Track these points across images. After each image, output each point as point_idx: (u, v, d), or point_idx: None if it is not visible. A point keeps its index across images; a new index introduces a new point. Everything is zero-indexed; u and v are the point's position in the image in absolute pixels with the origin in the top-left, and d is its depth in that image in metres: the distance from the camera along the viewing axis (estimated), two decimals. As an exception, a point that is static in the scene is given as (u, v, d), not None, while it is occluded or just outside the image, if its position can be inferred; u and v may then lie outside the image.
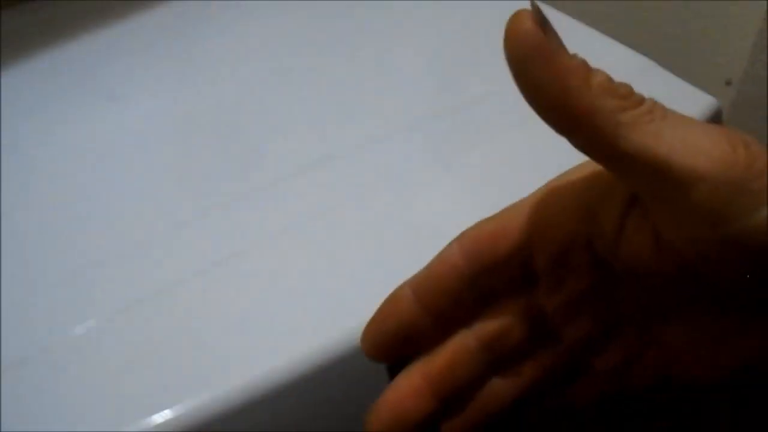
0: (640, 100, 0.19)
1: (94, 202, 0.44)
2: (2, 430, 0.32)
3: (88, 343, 0.36)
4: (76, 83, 0.54)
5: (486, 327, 0.25)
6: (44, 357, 0.35)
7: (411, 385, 0.25)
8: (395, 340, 0.25)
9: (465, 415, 0.25)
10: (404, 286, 0.25)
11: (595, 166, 0.21)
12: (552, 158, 0.26)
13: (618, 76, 0.20)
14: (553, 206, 0.23)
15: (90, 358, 0.35)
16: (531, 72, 0.19)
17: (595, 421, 0.26)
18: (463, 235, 0.25)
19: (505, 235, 0.24)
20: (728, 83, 0.82)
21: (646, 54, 0.51)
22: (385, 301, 0.25)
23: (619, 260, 0.22)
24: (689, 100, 0.47)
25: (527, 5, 0.19)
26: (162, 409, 0.33)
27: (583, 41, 0.23)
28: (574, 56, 0.19)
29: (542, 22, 0.19)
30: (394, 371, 0.25)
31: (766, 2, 0.72)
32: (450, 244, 0.25)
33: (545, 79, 0.19)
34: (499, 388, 0.25)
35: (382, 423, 0.25)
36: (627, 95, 0.19)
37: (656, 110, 0.19)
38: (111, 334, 0.36)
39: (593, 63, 0.20)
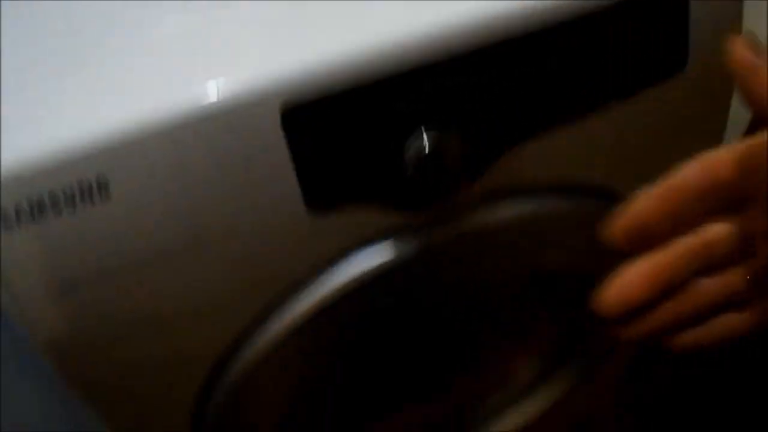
0: None
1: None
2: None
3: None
4: None
5: (707, 234, 0.31)
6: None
7: (639, 273, 0.31)
8: (638, 234, 0.31)
9: (676, 305, 0.32)
10: (652, 191, 0.31)
11: None
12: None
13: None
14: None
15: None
16: (745, 80, 0.31)
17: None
18: (704, 156, 0.31)
19: (739, 163, 0.30)
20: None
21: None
22: (634, 201, 0.32)
23: None
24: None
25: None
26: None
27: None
28: None
29: (755, 45, 0.29)
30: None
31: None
32: (693, 163, 0.31)
33: (755, 83, 0.30)
34: (707, 287, 0.32)
35: (611, 299, 0.31)
36: None
37: None
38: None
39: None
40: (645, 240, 0.31)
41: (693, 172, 0.31)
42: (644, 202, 0.31)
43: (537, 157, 0.50)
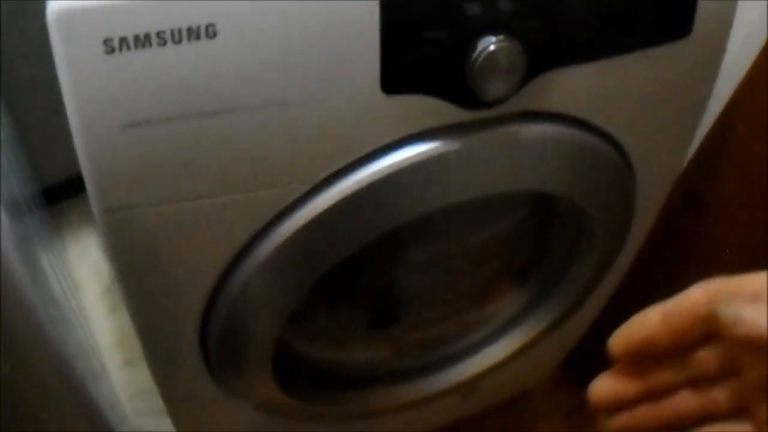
0: None
1: None
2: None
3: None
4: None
5: (699, 354, 0.33)
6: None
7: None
8: (638, 347, 0.33)
9: (657, 409, 0.34)
10: (655, 309, 0.33)
11: None
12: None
13: None
14: None
15: None
16: None
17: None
18: (709, 283, 0.32)
19: (743, 289, 0.31)
20: None
21: None
22: (637, 316, 0.33)
23: None
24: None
25: None
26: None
27: None
28: None
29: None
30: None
31: None
32: (697, 287, 0.32)
33: None
34: (688, 399, 0.34)
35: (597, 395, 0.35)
36: None
37: None
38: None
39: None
40: (646, 353, 0.34)
41: (699, 295, 0.32)
42: (648, 318, 0.33)
43: (568, 86, 0.56)
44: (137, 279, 0.57)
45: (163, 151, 0.48)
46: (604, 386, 0.35)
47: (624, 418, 0.35)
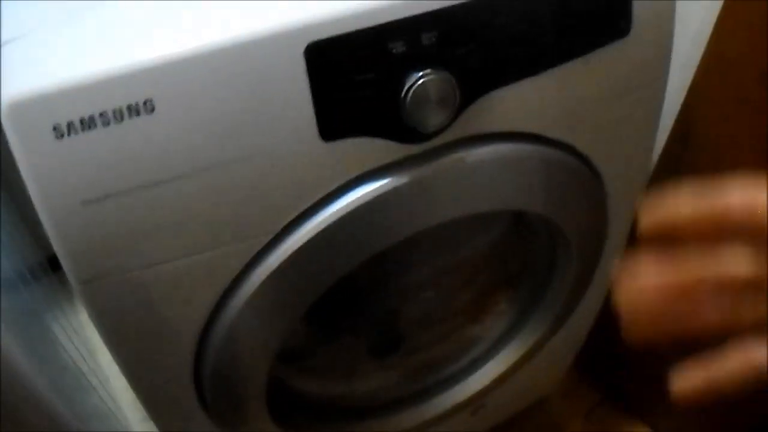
0: None
1: None
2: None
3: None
4: None
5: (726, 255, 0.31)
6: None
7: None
8: (667, 227, 0.32)
9: (687, 305, 0.32)
10: (687, 196, 0.31)
11: None
12: None
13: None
14: None
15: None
16: None
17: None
18: (743, 189, 0.31)
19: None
20: None
21: None
22: (669, 199, 0.32)
23: None
24: None
25: None
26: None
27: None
28: None
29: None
30: None
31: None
32: (733, 189, 0.31)
33: None
34: (723, 301, 0.32)
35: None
36: None
37: None
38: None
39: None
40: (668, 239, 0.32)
41: (737, 204, 0.31)
42: (679, 210, 0.32)
43: (510, 105, 0.58)
44: (124, 341, 0.60)
45: (123, 222, 0.51)
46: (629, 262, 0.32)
47: (653, 324, 0.33)
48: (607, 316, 0.90)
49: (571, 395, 1.11)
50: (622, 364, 1.10)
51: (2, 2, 0.53)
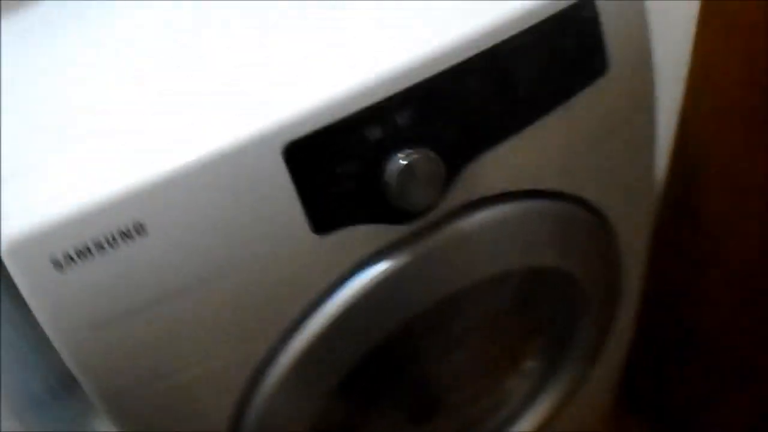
0: None
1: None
2: None
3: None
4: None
5: None
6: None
7: None
8: None
9: None
10: None
11: None
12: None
13: None
14: None
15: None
16: None
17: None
18: None
19: None
20: None
21: None
22: None
23: None
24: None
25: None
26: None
27: None
28: None
29: None
30: None
31: None
32: None
33: None
34: None
35: None
36: None
37: None
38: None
39: None
40: None
41: None
42: None
43: (499, 166, 0.58)
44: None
45: (134, 341, 0.52)
46: None
47: None
48: (647, 345, 0.89)
49: (619, 428, 1.08)
50: (668, 394, 1.08)
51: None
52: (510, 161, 0.59)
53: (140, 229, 0.48)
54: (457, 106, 0.54)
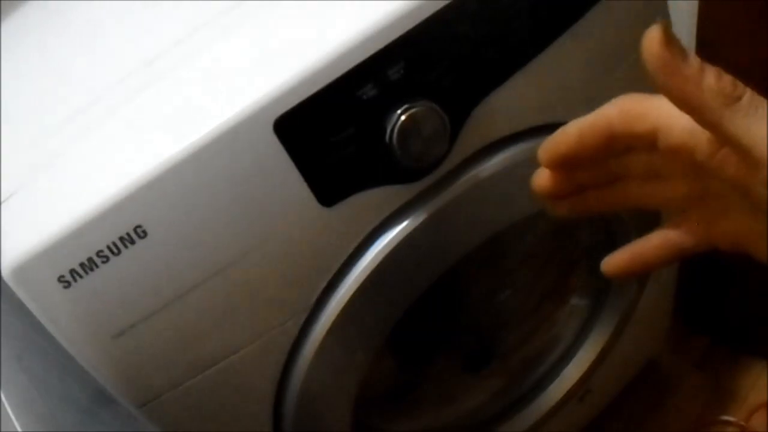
0: (740, 95, 0.28)
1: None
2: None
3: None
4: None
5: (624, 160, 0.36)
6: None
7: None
8: (560, 160, 0.36)
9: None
10: (573, 126, 0.35)
11: None
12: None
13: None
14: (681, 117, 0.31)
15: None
16: (661, 80, 0.29)
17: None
18: (622, 101, 0.34)
19: (649, 114, 0.33)
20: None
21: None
22: (559, 132, 0.36)
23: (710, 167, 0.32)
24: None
25: None
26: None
27: None
28: (691, 65, 0.28)
29: (669, 39, 0.28)
30: None
31: None
32: (612, 105, 0.34)
33: (671, 85, 0.29)
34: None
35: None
36: (730, 92, 0.28)
37: (752, 104, 0.28)
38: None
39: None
40: (568, 164, 0.36)
41: (613, 112, 0.35)
42: (567, 133, 0.36)
43: (508, 107, 0.55)
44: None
45: (159, 343, 0.50)
46: (540, 180, 0.38)
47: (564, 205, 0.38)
48: (701, 261, 0.86)
49: (679, 349, 1.05)
50: (724, 306, 1.04)
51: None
52: (518, 99, 0.55)
53: (140, 231, 0.46)
54: (450, 51, 0.50)
